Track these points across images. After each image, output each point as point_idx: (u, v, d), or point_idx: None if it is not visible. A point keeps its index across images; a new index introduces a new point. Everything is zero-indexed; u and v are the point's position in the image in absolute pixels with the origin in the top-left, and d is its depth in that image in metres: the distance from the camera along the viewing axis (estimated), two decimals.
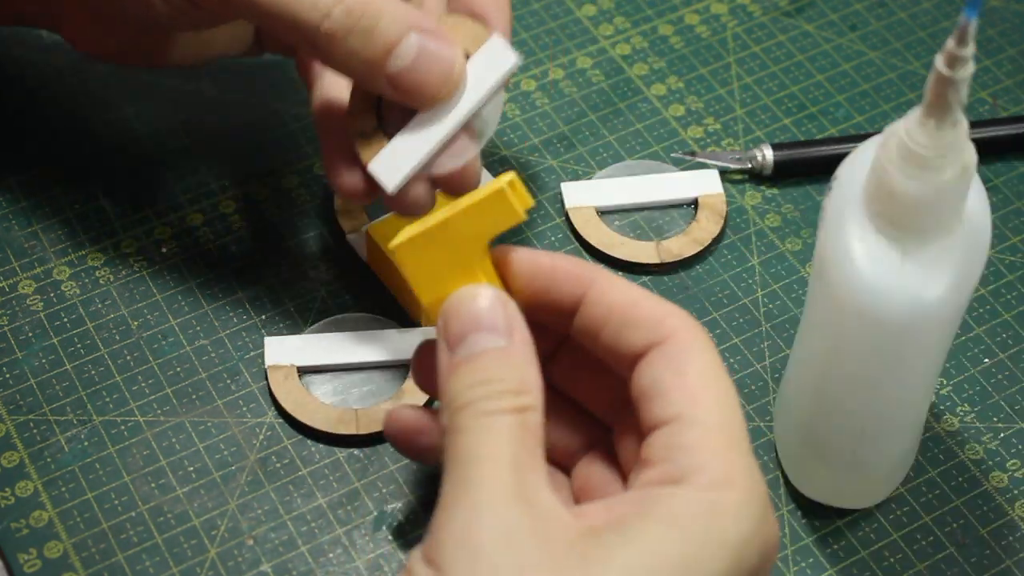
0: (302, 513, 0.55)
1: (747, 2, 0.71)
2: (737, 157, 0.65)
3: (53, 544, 0.54)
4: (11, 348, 0.59)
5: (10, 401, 0.57)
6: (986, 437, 0.58)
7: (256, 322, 0.60)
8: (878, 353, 0.48)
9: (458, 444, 0.43)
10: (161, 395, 0.58)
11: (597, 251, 0.62)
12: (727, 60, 0.69)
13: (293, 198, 0.63)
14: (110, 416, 0.57)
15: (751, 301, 0.61)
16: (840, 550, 0.55)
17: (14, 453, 0.56)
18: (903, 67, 0.69)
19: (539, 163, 0.65)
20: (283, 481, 0.56)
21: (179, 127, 0.65)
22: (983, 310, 0.61)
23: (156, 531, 0.54)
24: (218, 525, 0.55)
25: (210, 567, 0.54)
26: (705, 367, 0.45)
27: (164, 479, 0.55)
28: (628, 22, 0.70)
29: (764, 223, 0.63)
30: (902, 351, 0.48)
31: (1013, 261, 0.63)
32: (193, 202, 0.63)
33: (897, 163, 0.44)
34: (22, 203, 0.63)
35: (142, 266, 0.61)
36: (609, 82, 0.68)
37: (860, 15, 0.71)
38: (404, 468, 0.56)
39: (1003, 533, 0.55)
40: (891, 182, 0.44)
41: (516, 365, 0.45)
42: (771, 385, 0.59)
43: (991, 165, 0.66)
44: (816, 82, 0.68)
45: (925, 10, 0.71)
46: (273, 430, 0.57)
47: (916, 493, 0.56)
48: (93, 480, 0.55)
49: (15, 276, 0.61)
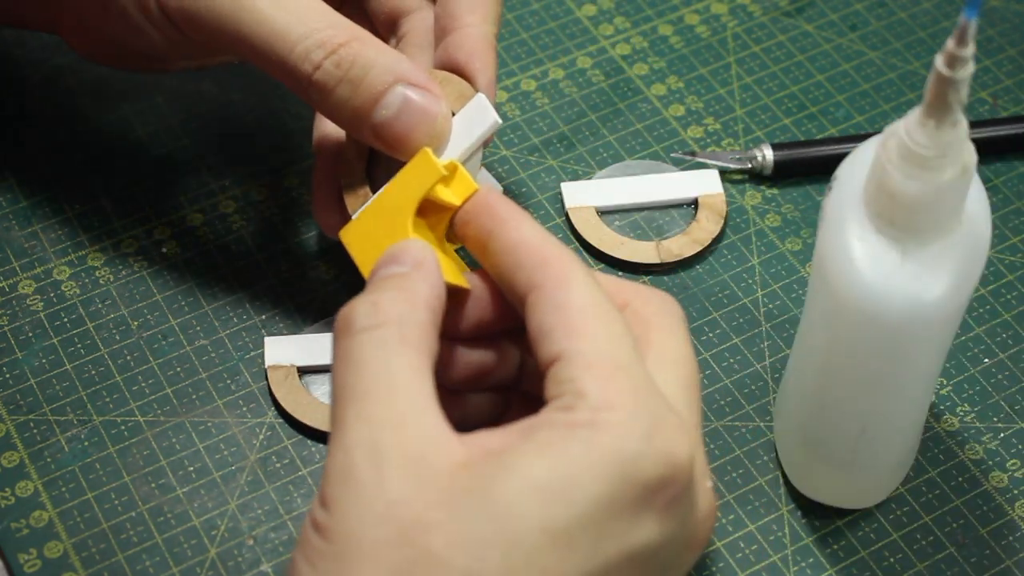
0: (302, 513, 0.55)
1: (747, 2, 0.71)
2: (737, 157, 0.65)
3: (53, 544, 0.54)
4: (11, 348, 0.59)
5: (10, 401, 0.57)
6: (986, 437, 0.58)
7: (256, 322, 0.60)
8: (878, 353, 0.48)
9: (338, 371, 0.44)
10: (161, 395, 0.58)
11: (597, 251, 0.62)
12: (727, 60, 0.69)
13: (293, 198, 0.63)
14: (110, 416, 0.57)
15: (751, 301, 0.61)
16: (840, 550, 0.55)
17: (14, 453, 0.56)
18: (903, 67, 0.69)
19: (539, 163, 0.65)
20: (283, 481, 0.56)
21: (179, 127, 0.65)
22: (983, 310, 0.61)
23: (156, 531, 0.54)
24: (218, 525, 0.55)
25: (210, 567, 0.54)
26: (585, 300, 0.45)
27: (164, 479, 0.55)
28: (628, 22, 0.70)
29: (764, 223, 0.63)
30: (902, 351, 0.48)
31: (1013, 261, 0.63)
32: (193, 202, 0.63)
33: (897, 163, 0.44)
34: (22, 203, 0.63)
35: (142, 266, 0.61)
36: (609, 82, 0.68)
37: (860, 15, 0.71)
38: None
39: (1003, 533, 0.55)
40: (891, 182, 0.44)
41: (409, 288, 0.45)
42: (771, 385, 0.59)
43: (991, 165, 0.66)
44: (816, 82, 0.68)
45: (925, 10, 0.71)
46: (273, 430, 0.57)
47: (916, 493, 0.56)
48: (93, 480, 0.55)
49: (15, 276, 0.61)
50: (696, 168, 0.65)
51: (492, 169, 0.64)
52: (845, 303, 0.47)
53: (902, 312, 0.46)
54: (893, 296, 0.46)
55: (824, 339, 0.50)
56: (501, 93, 0.67)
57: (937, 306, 0.46)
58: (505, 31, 0.69)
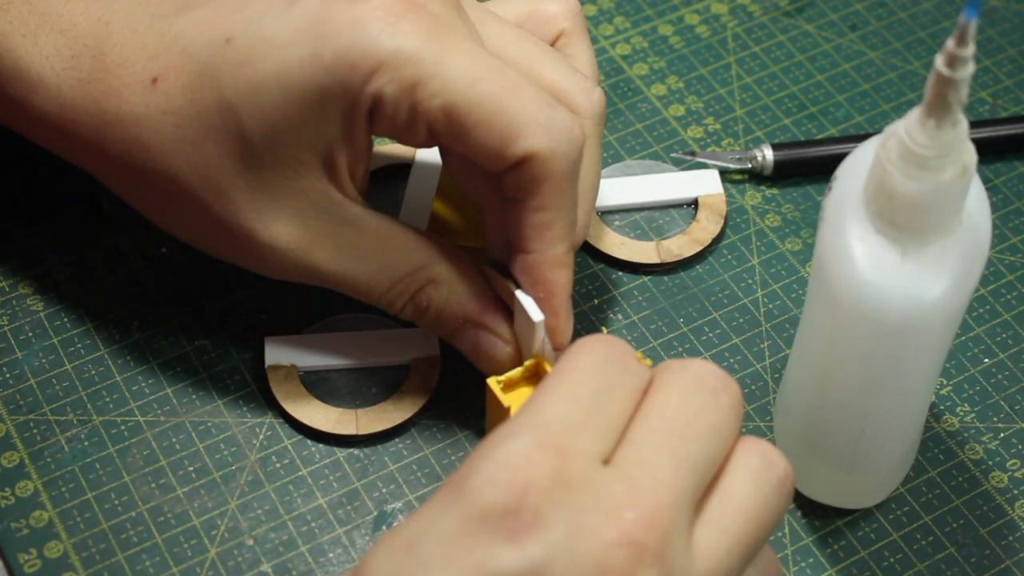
0: (302, 513, 0.55)
1: (747, 2, 0.71)
2: (737, 157, 0.65)
3: (53, 544, 0.54)
4: (11, 348, 0.59)
5: (10, 401, 0.57)
6: (986, 437, 0.58)
7: (256, 322, 0.60)
8: (878, 353, 0.48)
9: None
10: (161, 395, 0.58)
11: (597, 251, 0.62)
12: (727, 60, 0.69)
13: None
14: (110, 416, 0.57)
15: (751, 301, 0.61)
16: (840, 550, 0.55)
17: (14, 453, 0.56)
18: (903, 67, 0.69)
19: None
20: (283, 481, 0.56)
21: None
22: (983, 310, 0.61)
23: (156, 531, 0.54)
24: (218, 525, 0.55)
25: (210, 567, 0.54)
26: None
27: (164, 479, 0.55)
28: (628, 22, 0.70)
29: (764, 223, 0.63)
30: (902, 351, 0.48)
31: (1013, 261, 0.63)
32: None
33: (897, 163, 0.44)
34: (22, 203, 0.63)
35: (142, 266, 0.61)
36: (609, 82, 0.68)
37: (860, 15, 0.71)
38: (404, 468, 0.56)
39: (1003, 533, 0.55)
40: (891, 182, 0.44)
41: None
42: (771, 385, 0.59)
43: (991, 165, 0.66)
44: (816, 82, 0.68)
45: (925, 10, 0.71)
46: (273, 430, 0.57)
47: (916, 493, 0.56)
48: (93, 480, 0.55)
49: (15, 276, 0.61)
50: (696, 168, 0.65)
51: None
52: (845, 303, 0.47)
53: (902, 312, 0.46)
54: (893, 296, 0.46)
55: (824, 339, 0.50)
56: None
57: (937, 306, 0.46)
58: None
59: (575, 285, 0.59)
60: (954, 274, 0.46)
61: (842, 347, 0.49)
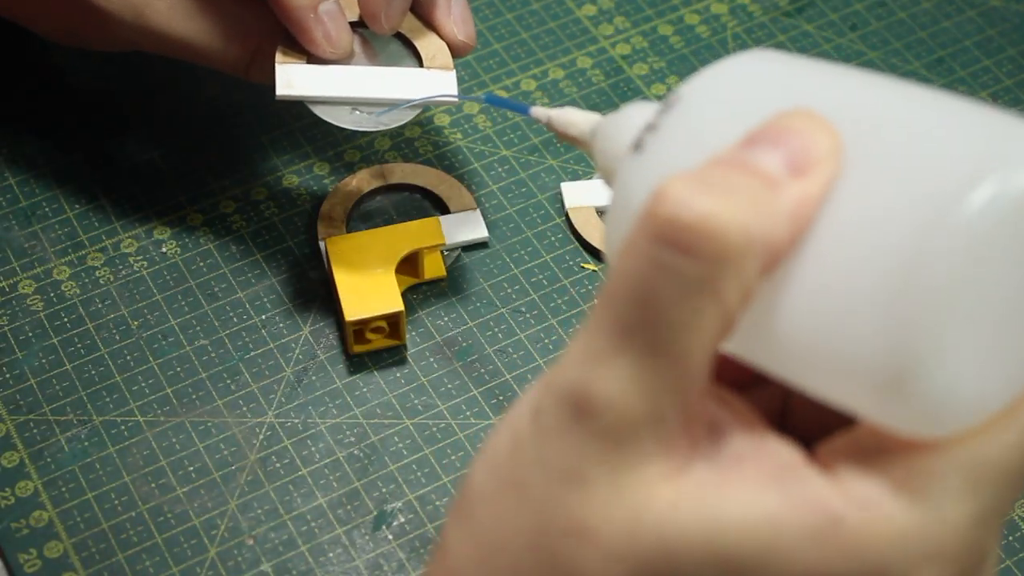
0: (302, 513, 0.55)
1: (747, 2, 0.71)
2: None
3: (53, 544, 0.54)
4: (11, 348, 0.59)
5: (10, 401, 0.57)
6: None
7: (256, 322, 0.60)
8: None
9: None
10: (161, 395, 0.58)
11: (597, 251, 0.62)
12: None
13: (293, 198, 0.63)
14: (110, 416, 0.57)
15: None
16: None
17: (14, 453, 0.56)
18: (903, 67, 0.69)
19: (539, 163, 0.65)
20: (283, 481, 0.56)
21: (179, 127, 0.65)
22: None
23: (156, 531, 0.54)
24: (218, 525, 0.55)
25: (210, 567, 0.54)
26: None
27: (164, 479, 0.55)
28: (628, 22, 0.70)
29: None
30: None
31: None
32: (193, 202, 0.63)
33: None
34: (22, 203, 0.63)
35: (142, 266, 0.61)
36: (609, 82, 0.68)
37: (860, 15, 0.71)
38: (404, 468, 0.56)
39: (1003, 533, 0.55)
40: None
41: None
42: None
43: None
44: None
45: (925, 10, 0.71)
46: (273, 430, 0.57)
47: None
48: (93, 480, 0.55)
49: (15, 276, 0.61)
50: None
51: (492, 169, 0.64)
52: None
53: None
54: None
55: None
56: (501, 93, 0.67)
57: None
58: (505, 31, 0.69)
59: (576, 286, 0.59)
60: None
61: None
